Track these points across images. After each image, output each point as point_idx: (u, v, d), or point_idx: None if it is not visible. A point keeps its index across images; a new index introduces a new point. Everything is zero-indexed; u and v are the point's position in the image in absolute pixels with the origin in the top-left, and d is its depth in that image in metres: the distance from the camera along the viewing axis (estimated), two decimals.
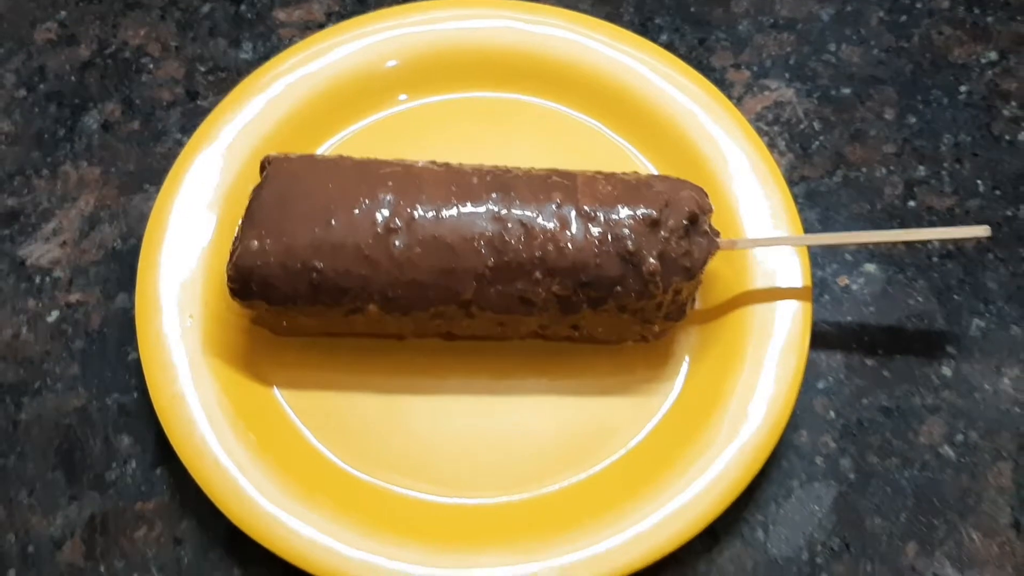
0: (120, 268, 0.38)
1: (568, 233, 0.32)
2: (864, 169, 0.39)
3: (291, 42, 0.42)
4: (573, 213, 0.32)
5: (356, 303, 0.32)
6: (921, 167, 0.40)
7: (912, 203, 0.39)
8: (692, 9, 0.43)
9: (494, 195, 0.32)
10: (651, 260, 0.31)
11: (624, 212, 0.32)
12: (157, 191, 0.38)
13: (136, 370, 0.35)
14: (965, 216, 0.38)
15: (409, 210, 0.32)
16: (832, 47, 0.42)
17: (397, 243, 0.32)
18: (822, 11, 0.43)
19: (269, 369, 0.35)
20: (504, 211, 0.32)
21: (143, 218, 0.38)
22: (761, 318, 0.34)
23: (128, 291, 0.37)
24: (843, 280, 0.37)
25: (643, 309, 0.32)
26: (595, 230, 0.32)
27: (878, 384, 0.35)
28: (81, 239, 0.38)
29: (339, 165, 0.34)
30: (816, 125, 0.40)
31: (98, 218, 0.39)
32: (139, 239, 0.37)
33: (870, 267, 0.37)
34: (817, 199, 0.39)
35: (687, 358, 0.35)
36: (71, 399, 0.35)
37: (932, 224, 0.38)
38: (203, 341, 0.34)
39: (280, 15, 0.43)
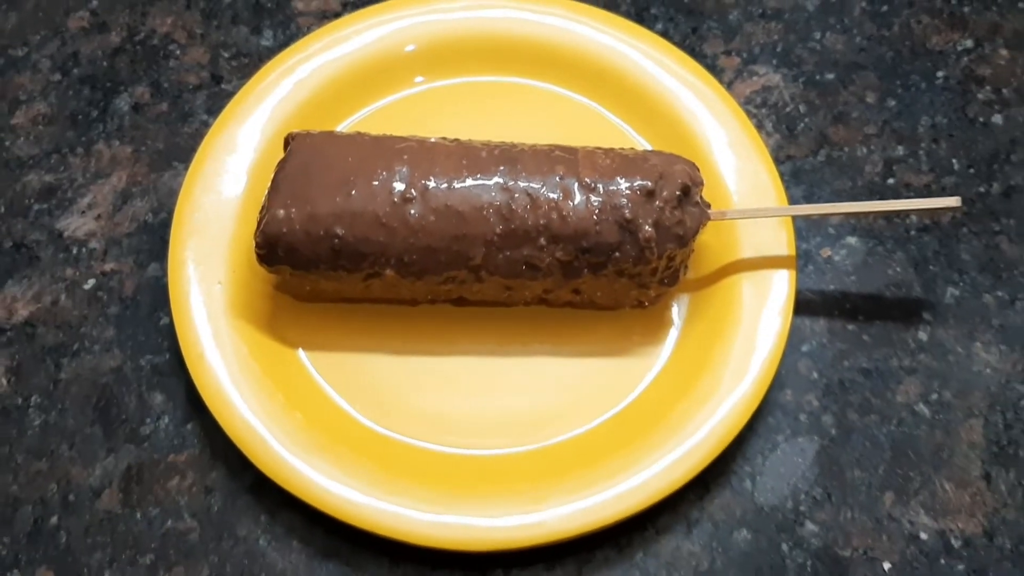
0: (151, 239, 0.40)
1: (570, 203, 0.34)
2: (846, 149, 0.42)
3: (309, 30, 0.45)
4: (575, 184, 0.34)
5: (374, 268, 0.35)
6: (900, 147, 0.42)
7: (891, 180, 0.41)
8: (685, 0, 0.45)
9: (502, 168, 0.35)
10: (647, 228, 0.34)
11: (622, 183, 0.34)
12: (185, 168, 0.40)
13: (168, 333, 0.38)
14: (941, 192, 0.41)
15: (423, 181, 0.34)
16: (817, 35, 0.45)
17: (412, 212, 0.34)
18: (807, 1, 0.45)
19: (293, 332, 0.37)
20: (511, 182, 0.34)
21: (172, 193, 0.41)
22: (749, 286, 0.37)
23: (159, 261, 0.39)
24: (826, 252, 0.40)
25: (640, 274, 0.35)
26: (595, 200, 0.34)
27: (858, 347, 0.38)
28: (114, 213, 0.41)
29: (358, 140, 0.36)
30: (801, 108, 0.43)
31: (130, 193, 0.41)
32: (169, 213, 0.40)
33: (852, 240, 0.40)
34: (802, 176, 0.41)
35: (680, 323, 0.37)
36: (107, 360, 0.38)
37: (908, 199, 0.41)
38: (230, 306, 0.37)
39: (298, 5, 0.46)
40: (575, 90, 0.42)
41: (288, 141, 0.37)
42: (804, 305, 0.39)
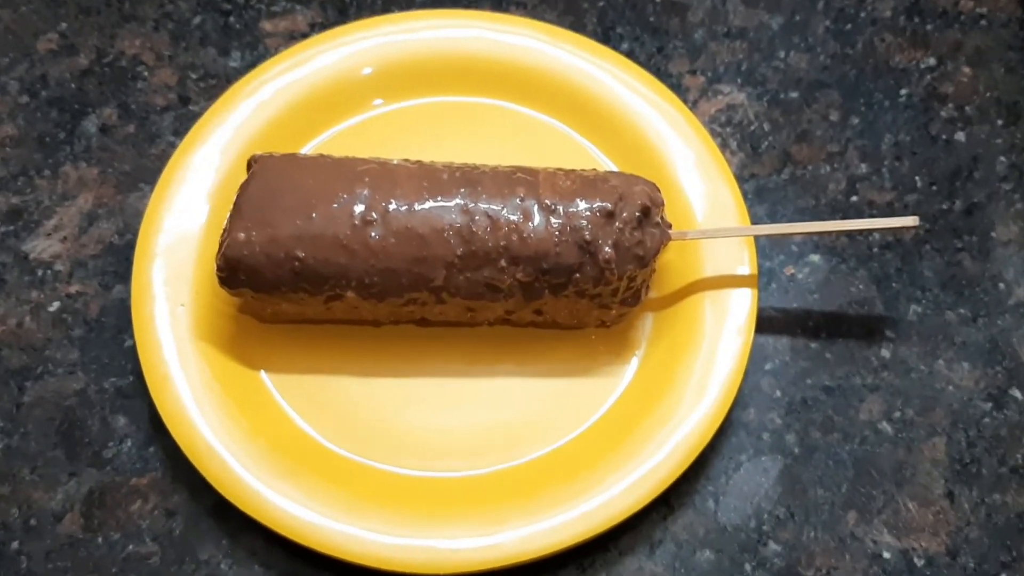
0: (117, 261, 0.40)
1: (530, 224, 0.34)
2: (810, 167, 0.42)
3: (277, 51, 0.45)
4: (535, 206, 0.35)
5: (335, 290, 0.35)
6: (863, 165, 0.42)
7: (854, 198, 0.42)
8: (651, 19, 0.46)
9: (462, 190, 0.35)
10: (606, 249, 0.34)
11: (582, 205, 0.35)
12: (151, 190, 0.40)
13: (132, 356, 0.38)
14: (904, 209, 0.41)
15: (384, 203, 0.35)
16: (781, 54, 0.45)
17: (373, 234, 0.34)
18: (772, 20, 0.46)
19: (256, 354, 0.37)
20: (472, 204, 0.35)
21: (139, 215, 0.41)
22: (711, 305, 0.37)
23: (124, 283, 0.39)
24: (789, 270, 0.40)
25: (600, 295, 0.35)
26: (555, 221, 0.34)
27: (821, 365, 0.38)
28: (80, 234, 0.41)
29: (320, 162, 0.36)
30: (766, 126, 0.43)
31: (96, 215, 0.41)
32: (134, 234, 0.40)
33: (815, 257, 0.40)
34: (765, 195, 0.42)
35: (643, 343, 0.38)
36: (71, 382, 0.38)
37: (872, 216, 0.41)
38: (194, 328, 0.37)
39: (266, 26, 0.46)
40: (539, 110, 0.42)
41: (251, 164, 0.37)
42: (767, 323, 0.39)
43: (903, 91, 0.44)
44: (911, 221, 0.36)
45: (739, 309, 0.37)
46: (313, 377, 0.37)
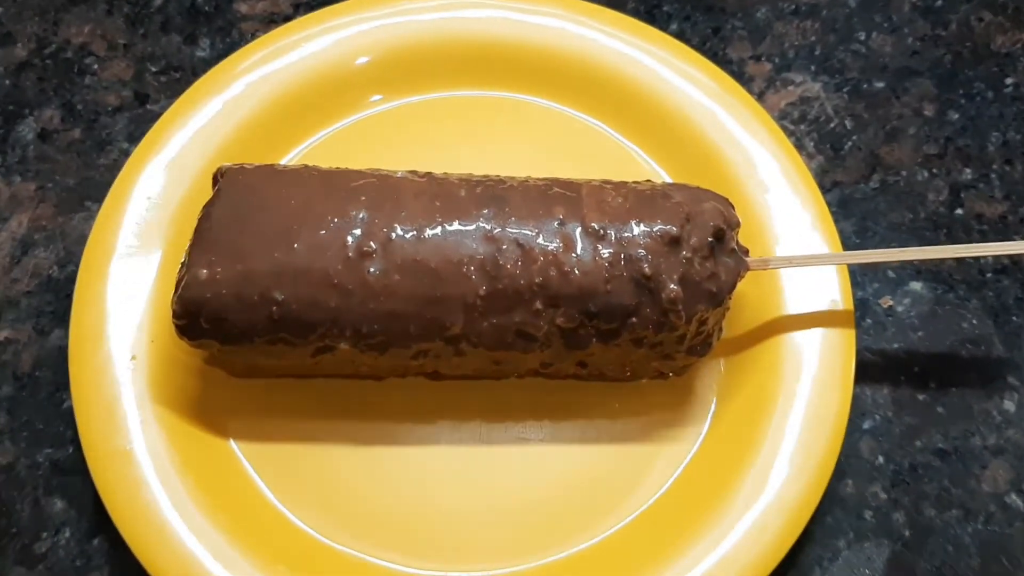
0: (56, 299, 0.33)
1: (573, 255, 0.27)
2: (903, 173, 0.35)
3: (253, 37, 0.37)
4: (578, 230, 0.27)
5: (324, 340, 0.27)
6: (967, 169, 0.35)
7: (959, 211, 0.34)
8: None
9: (485, 210, 0.28)
10: (671, 286, 0.27)
11: (638, 229, 0.27)
12: (99, 209, 0.33)
13: (72, 420, 0.30)
14: (1020, 225, 0.34)
15: (386, 229, 0.27)
16: (861, 35, 0.37)
17: (372, 269, 0.27)
18: None
19: (224, 417, 0.30)
20: (497, 229, 0.27)
21: (83, 241, 0.33)
22: (797, 348, 0.30)
23: (64, 326, 0.32)
24: (886, 301, 0.33)
25: (662, 343, 0.28)
26: (604, 251, 0.27)
27: (932, 422, 0.31)
28: (12, 266, 0.33)
29: (303, 176, 0.29)
30: (847, 123, 0.36)
31: (32, 241, 0.34)
32: (78, 265, 0.32)
33: (916, 285, 0.33)
34: (852, 207, 0.34)
35: (713, 397, 0.30)
36: None
37: (982, 234, 0.34)
38: (148, 386, 0.29)
39: (241, 7, 0.38)
40: (574, 106, 0.34)
41: (216, 178, 0.29)
42: (863, 369, 0.31)
43: (1009, 80, 0.37)
44: None
45: (833, 354, 0.29)
46: (294, 446, 0.30)
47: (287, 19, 0.38)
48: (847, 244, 0.34)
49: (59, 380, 0.31)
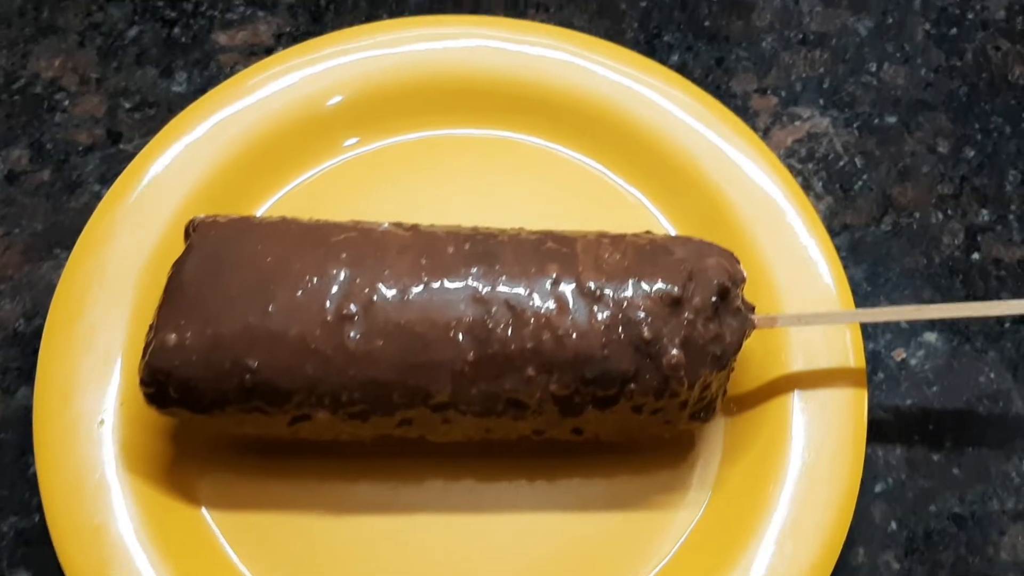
0: (22, 355, 0.31)
1: (567, 317, 0.25)
2: (917, 214, 0.33)
3: (233, 70, 0.35)
4: (573, 290, 0.25)
5: (302, 409, 0.25)
6: (984, 211, 0.33)
7: (976, 255, 0.33)
8: (706, 23, 0.36)
9: (474, 269, 0.26)
10: (673, 351, 0.25)
11: (637, 288, 0.25)
12: (68, 257, 0.31)
13: (38, 486, 0.29)
14: None
15: (368, 290, 0.25)
16: (872, 66, 0.36)
17: (353, 333, 0.25)
18: (858, 24, 0.36)
19: (196, 483, 0.28)
20: (487, 289, 0.25)
21: (51, 291, 0.31)
22: (805, 407, 0.28)
23: (31, 384, 0.30)
24: (899, 353, 0.31)
25: (663, 409, 0.26)
26: (601, 313, 0.25)
27: (947, 485, 0.29)
28: None
29: (281, 230, 0.27)
30: (858, 161, 0.34)
31: None
32: (46, 318, 0.31)
33: (930, 336, 0.31)
34: (863, 252, 0.32)
35: (716, 458, 0.28)
36: None
37: (1000, 280, 0.32)
38: (117, 451, 0.27)
39: (220, 38, 0.37)
40: (568, 146, 0.33)
41: (188, 232, 0.27)
42: (875, 427, 0.30)
43: None
44: None
45: (844, 415, 0.28)
46: (272, 516, 0.28)
47: (268, 51, 0.36)
48: (858, 291, 0.32)
49: (24, 443, 0.29)
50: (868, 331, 0.31)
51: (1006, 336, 0.31)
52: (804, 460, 0.27)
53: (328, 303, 0.25)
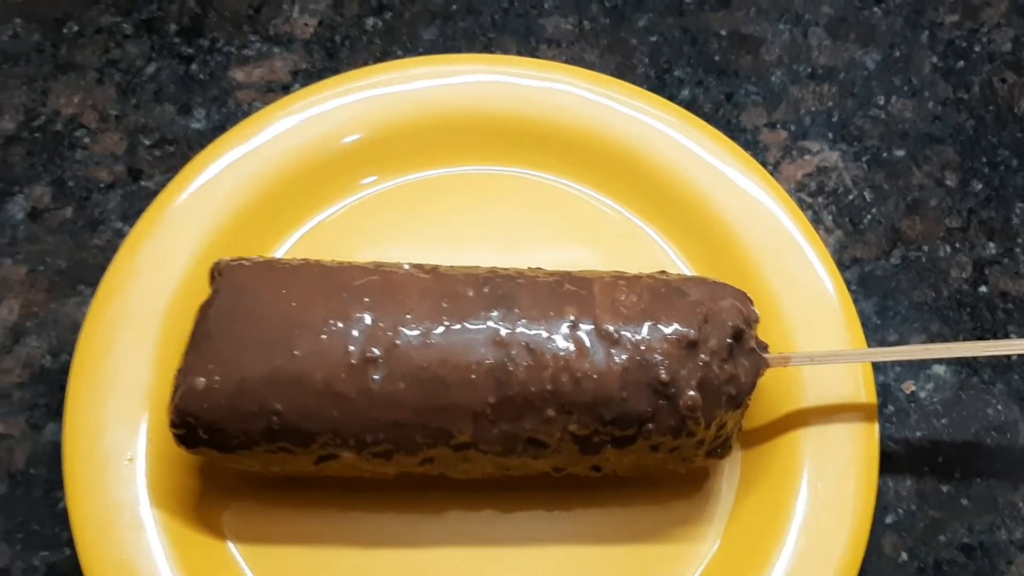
0: (49, 391, 0.31)
1: (586, 360, 0.26)
2: (925, 247, 0.34)
3: (251, 107, 0.36)
4: (591, 332, 0.26)
5: (327, 449, 0.26)
6: (991, 244, 0.34)
7: (983, 288, 0.33)
8: (716, 58, 0.37)
9: (494, 312, 0.26)
10: (690, 392, 0.26)
11: (654, 331, 0.26)
12: (93, 293, 0.32)
13: (68, 521, 0.29)
14: None
15: (390, 334, 0.26)
16: (880, 100, 0.36)
17: (376, 377, 0.26)
18: (866, 57, 0.37)
19: (223, 517, 0.29)
20: (507, 332, 0.26)
21: (77, 328, 0.32)
22: (817, 442, 0.29)
23: (59, 420, 0.30)
24: (908, 386, 0.32)
25: (680, 447, 0.27)
26: (619, 355, 0.26)
27: (956, 515, 0.30)
28: (3, 356, 0.32)
29: (303, 274, 0.28)
30: (867, 195, 0.35)
31: (23, 328, 0.33)
32: (72, 354, 0.31)
33: (939, 369, 0.32)
34: (872, 285, 0.33)
35: (732, 491, 0.29)
36: None
37: (1007, 313, 0.33)
38: (146, 487, 0.28)
39: (237, 75, 0.37)
40: (581, 182, 0.33)
41: (214, 275, 0.28)
42: (885, 460, 0.30)
43: None
44: None
45: (856, 449, 0.28)
46: (297, 549, 0.28)
47: (285, 88, 0.37)
48: (868, 324, 0.32)
49: (53, 478, 0.30)
50: (878, 365, 0.32)
51: (1014, 369, 0.32)
52: (817, 493, 0.28)
53: (352, 347, 0.26)
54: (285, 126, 0.33)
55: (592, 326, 0.26)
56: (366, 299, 0.27)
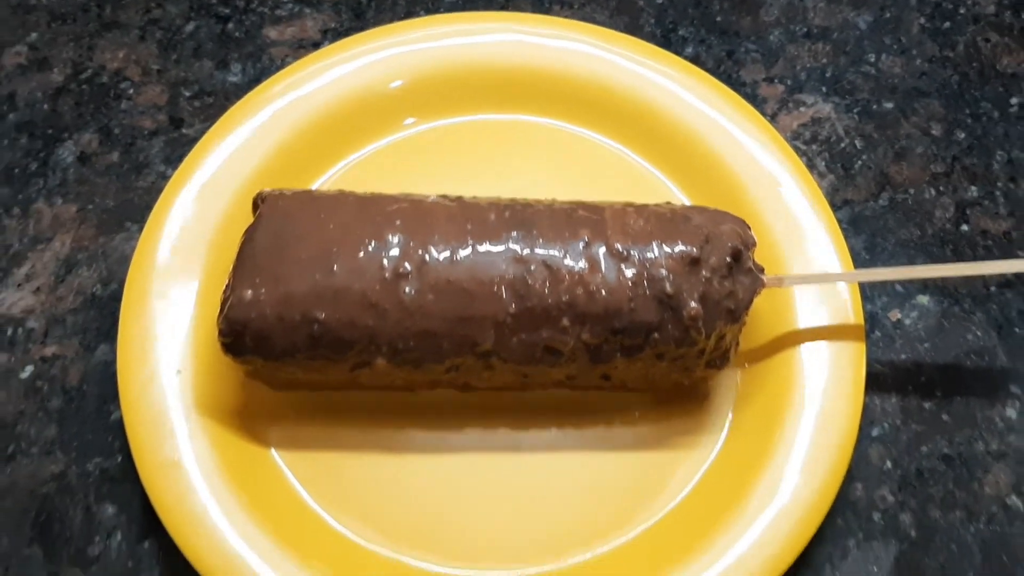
0: (100, 316, 0.34)
1: (598, 275, 0.28)
2: (911, 191, 0.36)
3: (284, 63, 0.39)
4: (603, 252, 0.29)
5: (362, 356, 0.29)
6: (973, 187, 0.36)
7: (965, 227, 0.36)
8: (718, 19, 0.39)
9: (514, 233, 0.29)
10: (692, 304, 0.28)
11: (660, 250, 0.29)
12: (139, 229, 0.35)
13: (119, 431, 0.32)
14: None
15: (420, 252, 0.29)
16: (871, 57, 0.39)
17: (407, 289, 0.28)
18: (859, 18, 0.40)
19: (266, 428, 0.31)
20: (526, 251, 0.29)
21: (124, 260, 0.35)
22: (809, 360, 0.31)
23: (109, 342, 0.33)
24: (895, 314, 0.34)
25: (683, 357, 0.29)
26: (628, 271, 0.28)
27: (937, 429, 0.32)
28: (57, 285, 0.35)
29: (340, 202, 0.30)
30: (858, 143, 0.37)
31: (75, 261, 0.35)
32: (120, 284, 0.34)
33: (923, 299, 0.34)
34: (862, 224, 0.36)
35: (730, 406, 0.32)
36: (48, 465, 0.32)
37: (987, 249, 0.35)
38: (193, 398, 0.31)
39: (271, 33, 0.40)
40: (594, 129, 0.36)
41: (257, 203, 0.31)
42: (872, 380, 0.33)
43: (1014, 100, 0.38)
44: None
45: (845, 366, 0.31)
46: (333, 455, 0.31)
47: (315, 45, 0.39)
48: (857, 260, 0.35)
49: (105, 393, 0.33)
50: (866, 294, 0.34)
51: (992, 299, 0.34)
52: (809, 406, 0.31)
53: (386, 263, 0.28)
54: (328, 71, 0.36)
55: (604, 246, 0.29)
56: (398, 222, 0.29)
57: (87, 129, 0.38)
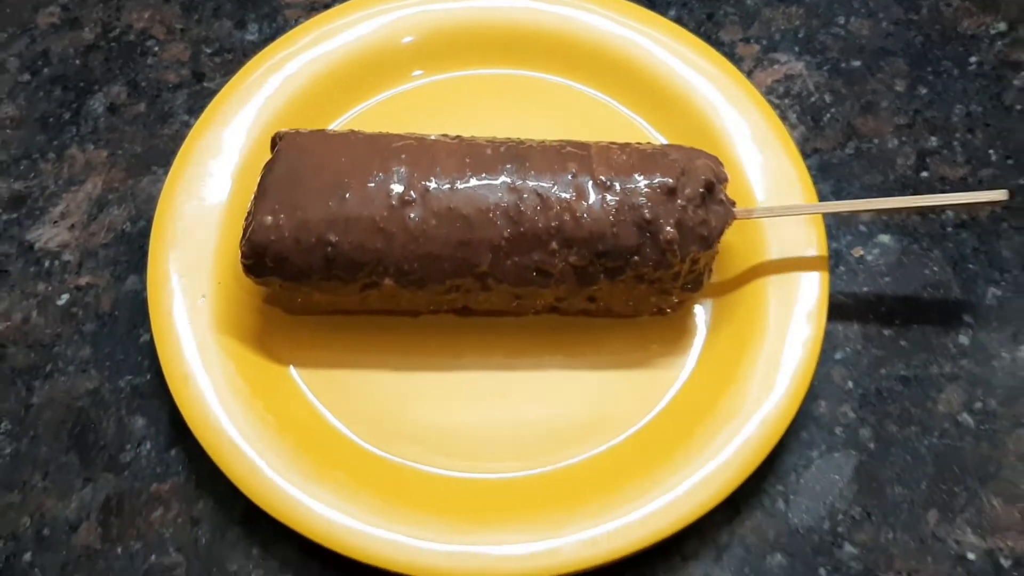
0: (130, 250, 0.37)
1: (584, 203, 0.31)
2: (876, 140, 0.39)
3: (297, 23, 0.42)
4: (589, 182, 0.32)
5: (371, 277, 0.32)
6: (933, 138, 0.39)
7: (925, 173, 0.39)
8: None
9: (509, 166, 0.32)
10: (668, 229, 0.31)
11: (640, 181, 0.32)
12: (165, 173, 0.38)
13: (148, 352, 0.35)
14: (978, 185, 0.38)
15: (424, 182, 0.32)
16: (841, 20, 0.42)
17: (412, 215, 0.31)
18: None
19: (283, 348, 0.34)
20: (519, 182, 0.32)
21: (151, 200, 0.38)
22: (777, 289, 0.34)
23: (138, 273, 0.37)
24: (858, 251, 0.37)
25: (660, 279, 0.32)
26: (611, 199, 0.31)
27: (896, 354, 0.35)
28: (89, 222, 0.38)
29: (351, 139, 0.33)
30: (827, 97, 0.40)
31: (106, 200, 0.38)
32: (148, 221, 0.37)
33: (885, 238, 0.37)
34: (830, 171, 0.39)
35: (704, 331, 0.35)
36: (83, 381, 0.35)
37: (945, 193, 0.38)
38: (216, 320, 0.34)
39: None
40: (585, 83, 0.39)
41: (275, 141, 0.34)
42: (836, 309, 0.36)
43: (973, 59, 0.41)
44: (999, 195, 0.33)
45: (808, 294, 0.34)
46: (345, 372, 0.34)
47: (326, 6, 0.42)
48: (825, 202, 0.38)
49: (135, 319, 0.36)
50: (832, 233, 0.37)
51: (948, 238, 0.37)
52: (775, 330, 0.33)
53: (393, 192, 0.31)
54: (340, 28, 0.39)
55: (589, 177, 0.32)
56: (403, 156, 0.32)
57: (116, 82, 0.41)
